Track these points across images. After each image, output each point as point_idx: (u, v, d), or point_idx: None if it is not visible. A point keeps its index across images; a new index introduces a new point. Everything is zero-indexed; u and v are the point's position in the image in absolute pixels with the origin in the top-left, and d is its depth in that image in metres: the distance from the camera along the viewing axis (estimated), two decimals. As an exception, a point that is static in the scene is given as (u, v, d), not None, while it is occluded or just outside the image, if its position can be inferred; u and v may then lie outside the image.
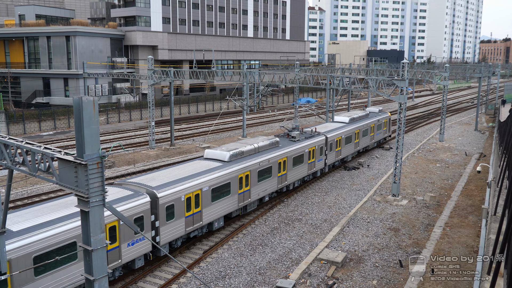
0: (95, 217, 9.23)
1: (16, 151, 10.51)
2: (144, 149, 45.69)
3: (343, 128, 37.38)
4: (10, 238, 14.49)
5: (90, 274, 9.44)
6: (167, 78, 46.85)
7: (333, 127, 37.20)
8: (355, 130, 38.78)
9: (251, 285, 19.13)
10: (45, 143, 44.49)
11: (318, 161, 33.90)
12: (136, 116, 66.60)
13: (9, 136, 10.99)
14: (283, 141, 31.55)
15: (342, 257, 20.93)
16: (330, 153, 35.09)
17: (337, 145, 35.93)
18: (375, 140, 44.32)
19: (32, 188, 31.69)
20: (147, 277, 19.87)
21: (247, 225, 25.66)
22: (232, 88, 71.61)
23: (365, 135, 40.83)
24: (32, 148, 10.06)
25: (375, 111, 47.11)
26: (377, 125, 43.75)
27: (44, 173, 10.00)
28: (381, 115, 45.68)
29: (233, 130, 58.24)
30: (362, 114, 42.68)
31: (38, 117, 56.19)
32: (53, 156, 9.55)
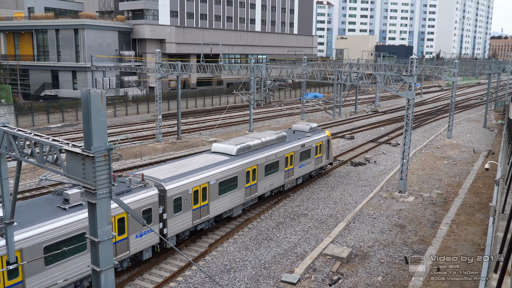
0: (102, 209, 9.29)
1: (24, 143, 10.58)
2: (151, 142, 45.84)
3: (216, 168, 23.34)
4: None
5: (96, 265, 9.52)
6: (175, 71, 46.88)
7: (195, 166, 23.13)
8: (246, 167, 25.03)
9: (256, 279, 19.20)
10: (53, 135, 44.76)
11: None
12: (143, 109, 66.77)
13: (18, 128, 11.07)
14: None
15: (347, 252, 20.94)
16: (173, 219, 20.62)
17: (196, 200, 21.89)
18: (299, 175, 30.47)
19: (40, 179, 31.90)
20: (153, 269, 20.00)
21: (253, 219, 25.71)
22: (239, 82, 71.53)
23: (272, 171, 27.35)
24: (40, 140, 10.13)
25: (305, 129, 33.33)
26: (301, 152, 30.16)
27: (52, 165, 10.07)
28: (313, 136, 32.13)
29: (240, 124, 58.25)
30: (272, 137, 28.66)
31: (47, 110, 56.50)
32: (61, 148, 9.61)
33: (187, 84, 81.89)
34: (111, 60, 68.83)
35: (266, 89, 58.49)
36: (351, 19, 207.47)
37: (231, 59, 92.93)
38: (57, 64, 69.25)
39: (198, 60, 75.94)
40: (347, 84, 52.30)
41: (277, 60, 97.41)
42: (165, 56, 75.40)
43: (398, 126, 56.88)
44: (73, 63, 67.69)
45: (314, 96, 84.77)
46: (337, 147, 45.34)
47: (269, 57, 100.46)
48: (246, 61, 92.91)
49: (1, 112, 50.19)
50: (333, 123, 59.66)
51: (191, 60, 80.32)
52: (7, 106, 51.82)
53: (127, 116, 63.51)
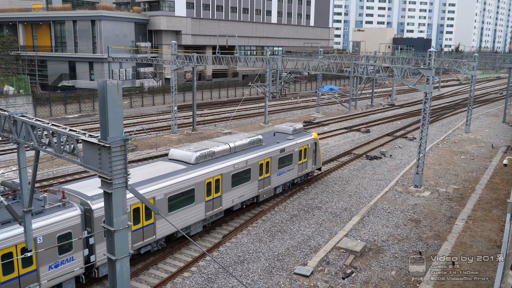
0: (118, 198, 9.39)
1: (42, 133, 10.72)
2: (166, 133, 46.11)
3: (166, 180, 20.08)
4: None
5: (112, 254, 9.65)
6: (190, 63, 46.96)
7: (140, 178, 19.83)
8: (207, 177, 21.75)
9: (269, 270, 19.27)
10: (70, 125, 45.29)
11: None
12: (159, 100, 67.10)
13: (36, 118, 11.21)
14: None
15: (361, 246, 20.87)
16: (104, 244, 16.77)
17: (137, 220, 18.75)
18: (277, 184, 27.20)
19: (58, 169, 32.37)
20: (167, 259, 20.19)
21: (267, 211, 25.76)
22: (255, 74, 71.39)
23: (241, 181, 24.18)
24: (58, 130, 10.25)
25: (287, 131, 29.61)
26: (280, 158, 26.89)
27: (69, 155, 10.19)
28: (296, 139, 28.66)
29: (255, 116, 58.23)
30: (243, 142, 25.26)
31: (64, 100, 57.13)
32: (78, 138, 9.71)
33: (203, 75, 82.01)
34: (127, 51, 69.20)
35: (282, 81, 58.31)
36: (368, 11, 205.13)
37: (247, 51, 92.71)
38: (74, 55, 69.88)
39: (214, 51, 75.92)
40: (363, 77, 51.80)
41: (293, 52, 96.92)
42: (181, 47, 75.54)
43: (414, 120, 56.30)
44: (90, 54, 68.22)
45: (330, 89, 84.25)
46: (353, 140, 45.09)
47: (285, 49, 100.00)
48: (262, 53, 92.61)
49: (20, 103, 50.91)
50: (349, 116, 59.30)
51: (207, 52, 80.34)
52: (26, 97, 52.54)
53: (143, 107, 63.91)
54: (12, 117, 11.26)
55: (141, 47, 71.88)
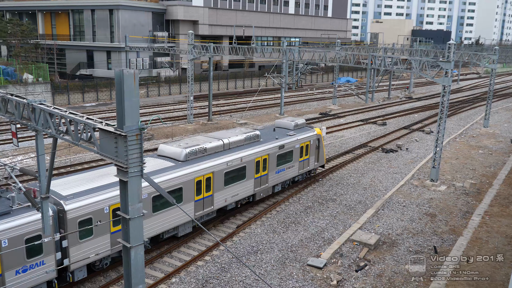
0: (133, 187, 9.48)
1: (60, 121, 10.84)
2: (182, 123, 46.31)
3: None
4: None
5: (127, 242, 9.76)
6: (207, 53, 46.98)
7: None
8: (196, 175, 20.63)
9: (282, 261, 19.32)
10: (87, 113, 45.76)
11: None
12: (176, 90, 67.33)
13: (54, 106, 11.33)
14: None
15: (375, 239, 20.79)
16: (78, 247, 16.49)
17: (117, 221, 17.27)
18: (276, 182, 26.00)
19: (75, 156, 32.78)
20: (181, 248, 20.37)
21: (281, 202, 25.78)
22: (271, 65, 71.13)
23: (236, 179, 23.04)
24: (75, 118, 10.35)
25: (288, 126, 28.36)
26: (279, 155, 25.74)
27: (86, 143, 10.30)
28: (297, 135, 27.38)
29: (270, 107, 58.12)
30: (239, 137, 24.01)
31: (82, 89, 57.69)
32: (94, 126, 9.80)
33: (219, 66, 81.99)
34: (144, 40, 69.46)
35: (298, 72, 58.02)
36: (387, 2, 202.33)
37: (264, 42, 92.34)
38: (92, 44, 70.38)
39: (231, 42, 75.78)
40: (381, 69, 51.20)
41: (310, 44, 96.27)
42: (198, 37, 75.52)
43: (432, 113, 55.60)
44: (108, 43, 68.62)
45: (346, 80, 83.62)
46: (369, 133, 44.77)
47: (302, 40, 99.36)
48: (278, 43, 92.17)
49: (39, 90, 51.54)
50: (365, 109, 58.84)
51: (224, 42, 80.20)
52: (44, 85, 53.15)
53: (159, 97, 64.22)
54: (31, 104, 11.40)
55: (158, 36, 72.11)
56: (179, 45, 72.93)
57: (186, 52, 48.55)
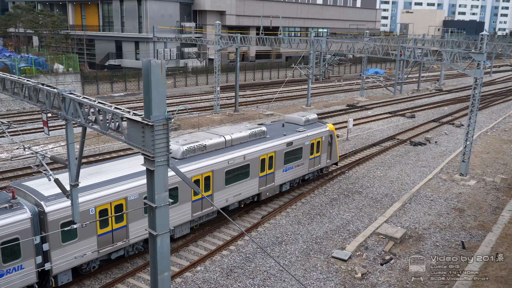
0: (160, 176, 9.59)
1: (89, 110, 11.03)
2: (208, 113, 46.57)
3: (141, 178, 17.53)
4: None
5: (153, 229, 9.91)
6: (234, 44, 46.96)
7: (113, 175, 17.84)
8: (193, 174, 19.49)
9: (306, 253, 19.31)
10: (116, 103, 46.52)
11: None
12: (202, 80, 67.66)
13: (83, 95, 11.53)
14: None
15: (401, 233, 20.55)
16: (61, 251, 15.79)
17: (104, 222, 16.91)
18: (283, 181, 24.81)
19: (104, 145, 33.39)
20: (206, 237, 20.58)
21: (306, 194, 25.71)
22: (298, 56, 70.66)
23: (238, 178, 21.89)
24: (103, 107, 10.51)
25: (298, 121, 27.01)
26: (286, 152, 24.42)
27: (114, 132, 10.46)
28: (308, 131, 26.05)
29: (297, 98, 57.87)
30: (243, 134, 22.80)
31: (110, 79, 58.55)
32: (122, 116, 9.93)
33: (246, 56, 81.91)
34: (172, 31, 69.87)
35: (326, 63, 57.45)
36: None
37: (291, 32, 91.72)
38: (120, 34, 71.20)
39: (258, 32, 75.55)
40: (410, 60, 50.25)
41: (338, 34, 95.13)
42: (225, 28, 75.54)
43: (463, 106, 54.37)
44: (136, 34, 69.32)
45: (375, 72, 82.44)
46: (397, 125, 44.13)
47: (329, 31, 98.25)
48: (306, 34, 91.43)
49: (69, 80, 52.56)
50: (394, 101, 57.95)
51: (251, 33, 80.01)
52: (74, 75, 54.16)
53: (186, 87, 64.67)
54: (61, 94, 11.62)
55: (185, 27, 72.40)
56: (206, 35, 73.12)
57: (213, 42, 48.66)
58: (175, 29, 70.83)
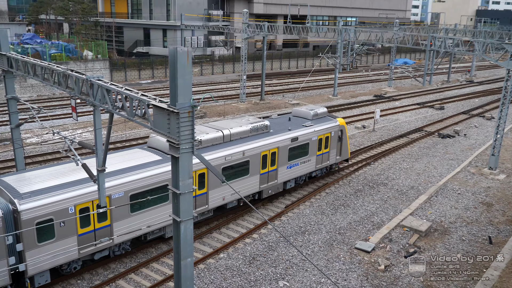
0: (184, 163, 9.69)
1: (116, 97, 11.18)
2: (234, 101, 46.64)
3: (127, 175, 16.78)
4: None
5: (177, 216, 10.03)
6: (261, 32, 46.76)
7: None
8: None
9: (329, 243, 19.26)
10: (143, 90, 47.03)
11: None
12: (229, 69, 67.73)
13: (111, 82, 11.68)
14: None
15: (426, 226, 20.28)
16: (37, 251, 14.89)
17: (85, 222, 15.89)
18: (287, 178, 23.33)
19: (130, 132, 33.86)
20: (230, 225, 20.72)
21: (331, 184, 25.58)
22: (326, 45, 69.90)
23: (236, 175, 20.67)
24: (130, 94, 10.64)
25: (306, 115, 25.56)
26: (291, 148, 22.96)
27: (140, 118, 10.59)
28: (315, 126, 24.52)
29: (323, 88, 57.40)
30: (243, 128, 21.46)
31: (138, 66, 59.17)
32: (148, 103, 10.04)
33: (273, 45, 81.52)
34: (199, 19, 70.04)
35: (353, 53, 56.69)
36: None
37: (319, 21, 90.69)
38: (149, 22, 71.75)
39: (285, 21, 75.04)
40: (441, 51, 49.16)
41: (366, 23, 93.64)
42: (252, 16, 75.26)
43: (494, 99, 52.94)
44: (164, 21, 69.74)
45: (404, 62, 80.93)
46: (425, 117, 43.35)
47: (358, 20, 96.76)
48: (334, 23, 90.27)
49: (97, 67, 53.35)
50: (422, 92, 56.89)
51: (278, 21, 79.52)
52: (103, 61, 54.93)
53: (213, 75, 64.86)
54: (89, 80, 11.81)
55: (213, 15, 72.44)
56: (233, 23, 73.02)
57: (240, 31, 48.57)
58: (202, 17, 70.95)
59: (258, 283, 16.40)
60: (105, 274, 16.77)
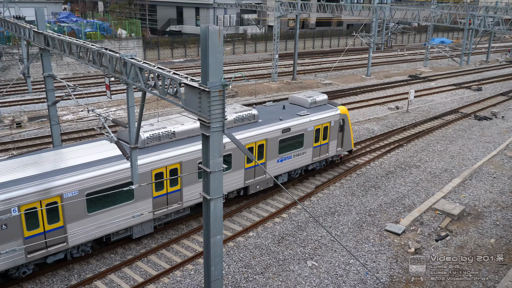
0: (215, 141, 9.75)
1: (149, 75, 11.29)
2: (266, 81, 46.46)
3: (84, 171, 15.24)
4: None
5: (207, 194, 10.16)
6: (294, 10, 46.14)
7: (50, 167, 15.22)
8: (154, 167, 16.72)
9: (359, 224, 19.18)
10: (175, 69, 47.37)
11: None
12: (261, 48, 67.31)
13: (143, 60, 11.79)
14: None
15: (459, 210, 19.91)
16: None
17: (33, 223, 14.47)
18: (279, 172, 21.33)
19: (163, 110, 34.26)
20: (259, 204, 20.87)
21: (362, 166, 25.34)
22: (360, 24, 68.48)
23: None
24: (162, 73, 10.72)
25: (303, 103, 23.29)
26: (282, 139, 20.84)
27: (172, 97, 10.68)
28: (312, 115, 22.31)
29: (356, 68, 56.46)
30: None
31: (171, 45, 59.50)
32: (180, 81, 10.09)
33: (306, 24, 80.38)
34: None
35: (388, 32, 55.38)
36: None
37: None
38: (182, 0, 71.72)
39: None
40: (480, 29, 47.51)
41: (403, 1, 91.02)
42: (286, -6, 74.19)
43: (536, 80, 50.99)
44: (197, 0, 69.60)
45: (440, 41, 78.58)
46: (461, 98, 42.17)
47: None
48: (369, 1, 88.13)
49: (131, 46, 53.93)
50: (459, 72, 55.23)
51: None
52: (137, 40, 55.46)
53: (245, 54, 64.64)
54: (123, 59, 11.95)
55: (245, -7, 71.80)
56: (266, 2, 72.23)
57: (273, 9, 48.05)
58: (235, -5, 70.42)
59: (287, 262, 16.54)
60: (138, 249, 17.23)
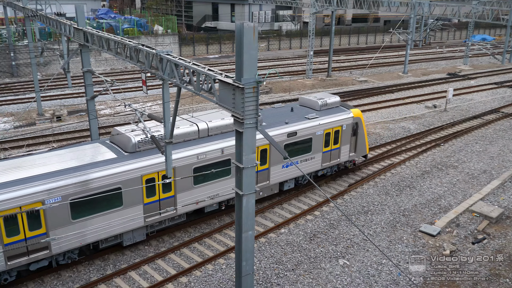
0: (248, 138, 9.78)
1: (184, 71, 11.42)
2: (300, 78, 46.24)
3: (66, 176, 14.58)
4: None
5: (240, 189, 10.21)
6: (330, 6, 45.69)
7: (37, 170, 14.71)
8: (145, 172, 16.04)
9: (393, 224, 18.89)
10: (210, 65, 47.72)
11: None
12: (296, 44, 67.00)
13: (179, 57, 11.93)
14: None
15: (498, 212, 19.32)
16: None
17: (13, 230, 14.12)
18: (283, 179, 20.32)
19: (197, 106, 34.62)
20: (292, 201, 20.84)
21: (397, 165, 24.92)
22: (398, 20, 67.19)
23: (214, 175, 17.23)
24: (197, 69, 10.82)
25: (313, 105, 22.04)
26: (287, 144, 19.70)
27: (206, 93, 10.77)
28: (322, 118, 21.12)
29: (393, 65, 55.47)
30: (225, 122, 18.40)
31: (206, 41, 59.99)
32: (214, 77, 10.17)
33: (342, 20, 79.50)
34: (268, -7, 69.49)
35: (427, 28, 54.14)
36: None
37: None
38: (217, -4, 72.21)
39: (356, -5, 72.73)
40: (524, 26, 45.69)
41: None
42: (322, -10, 73.55)
43: None
44: (233, -4, 69.87)
45: (482, 38, 76.13)
46: (503, 97, 40.83)
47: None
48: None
49: (167, 42, 54.65)
50: (501, 70, 53.49)
51: (348, -5, 77.25)
52: (172, 36, 56.16)
53: (279, 51, 64.49)
54: (159, 55, 12.12)
55: (281, -11, 71.57)
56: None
57: (308, 5, 47.71)
58: (270, -9, 70.29)
59: (318, 260, 16.46)
60: (171, 242, 17.50)
